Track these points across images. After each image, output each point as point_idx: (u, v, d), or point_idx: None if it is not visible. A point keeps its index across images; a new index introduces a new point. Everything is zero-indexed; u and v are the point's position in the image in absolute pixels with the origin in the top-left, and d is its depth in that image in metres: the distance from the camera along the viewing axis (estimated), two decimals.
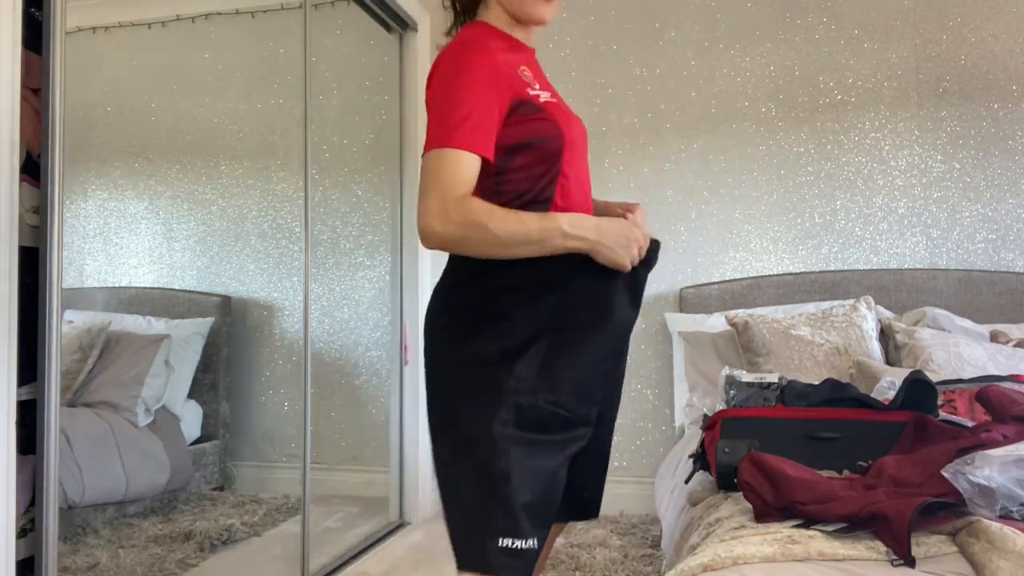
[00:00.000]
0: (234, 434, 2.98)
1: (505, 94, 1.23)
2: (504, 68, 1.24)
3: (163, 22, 2.74)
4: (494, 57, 1.23)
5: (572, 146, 1.31)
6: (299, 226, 2.96)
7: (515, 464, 1.19)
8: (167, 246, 2.81)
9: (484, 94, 1.20)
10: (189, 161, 2.89)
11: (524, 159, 1.27)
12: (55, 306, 1.64)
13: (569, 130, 1.30)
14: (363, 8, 3.03)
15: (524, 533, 1.18)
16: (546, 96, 1.30)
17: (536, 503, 1.20)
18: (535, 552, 1.20)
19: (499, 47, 1.27)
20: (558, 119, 1.28)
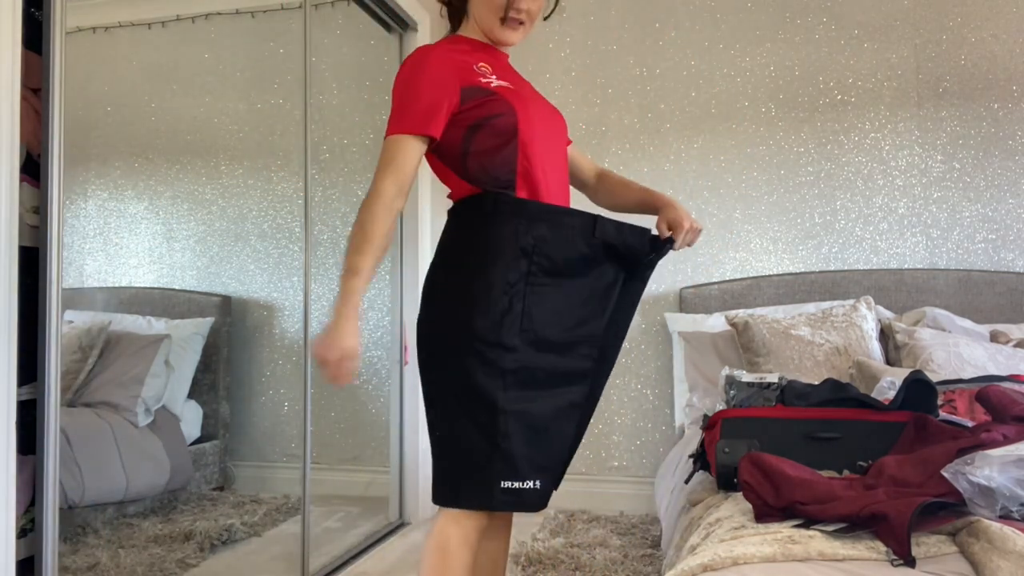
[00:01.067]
0: (234, 434, 2.98)
1: (454, 83, 1.43)
2: (456, 63, 1.45)
3: (163, 22, 2.74)
4: (448, 56, 1.45)
5: (530, 124, 1.46)
6: (299, 226, 2.96)
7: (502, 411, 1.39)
8: (167, 246, 2.81)
9: (429, 87, 1.42)
10: (189, 161, 2.89)
11: (481, 139, 1.45)
12: (55, 306, 1.64)
13: (523, 109, 1.46)
14: (363, 8, 3.03)
15: (524, 476, 1.38)
16: (501, 83, 1.46)
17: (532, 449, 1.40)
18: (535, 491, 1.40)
19: (459, 49, 1.49)
20: (510, 99, 1.45)
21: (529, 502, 1.40)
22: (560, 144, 1.56)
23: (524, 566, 2.52)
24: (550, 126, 1.53)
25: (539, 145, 1.48)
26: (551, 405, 1.44)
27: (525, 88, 1.54)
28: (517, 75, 1.57)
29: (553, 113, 1.57)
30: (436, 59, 1.44)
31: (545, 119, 1.52)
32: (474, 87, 1.44)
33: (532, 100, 1.51)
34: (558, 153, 1.54)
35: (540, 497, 1.41)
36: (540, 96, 1.59)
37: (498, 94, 1.45)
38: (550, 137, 1.52)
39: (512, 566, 2.55)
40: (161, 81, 2.74)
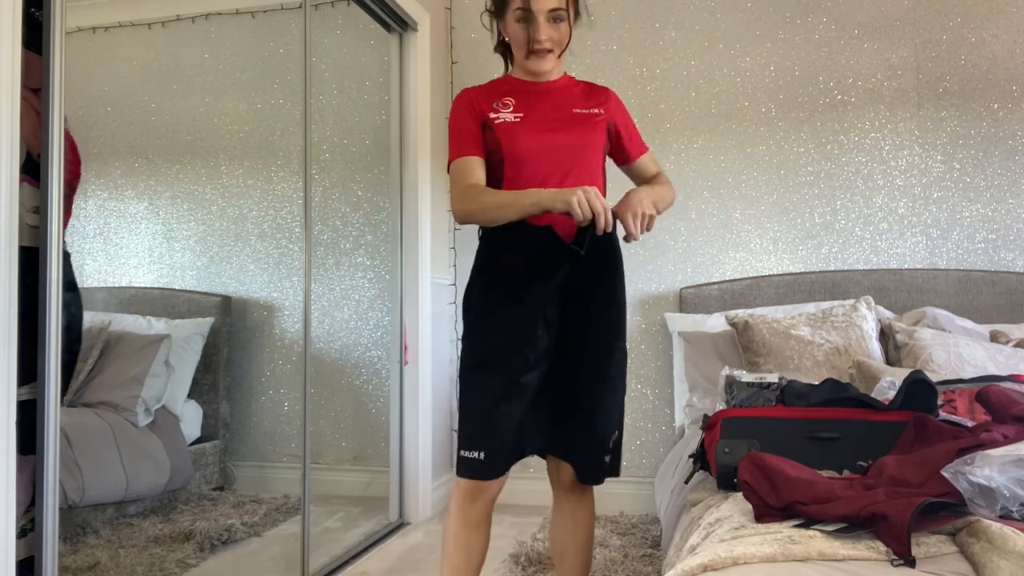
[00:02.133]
0: (234, 434, 2.98)
1: (476, 117, 1.78)
2: (478, 102, 1.79)
3: (163, 22, 2.73)
4: (469, 99, 1.81)
5: (516, 158, 1.74)
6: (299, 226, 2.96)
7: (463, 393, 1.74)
8: (167, 246, 2.81)
9: (462, 121, 1.79)
10: (189, 161, 2.89)
11: (489, 167, 1.80)
12: (55, 306, 1.64)
13: (511, 143, 1.73)
14: (363, 8, 3.03)
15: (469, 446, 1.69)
16: (507, 118, 1.76)
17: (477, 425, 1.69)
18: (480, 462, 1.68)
19: (487, 89, 1.82)
20: (502, 138, 1.75)
21: (475, 470, 1.69)
22: (575, 163, 1.76)
23: (524, 566, 2.52)
24: (560, 150, 1.74)
25: (535, 171, 1.73)
26: (494, 389, 1.69)
27: (545, 116, 1.77)
28: (552, 99, 1.80)
29: (574, 125, 1.77)
30: (461, 105, 1.80)
31: (554, 145, 1.74)
32: (486, 122, 1.77)
33: (539, 130, 1.74)
34: (570, 173, 1.75)
35: (482, 467, 1.68)
36: (564, 120, 1.78)
37: (496, 131, 1.75)
38: (558, 160, 1.74)
39: (512, 566, 2.55)
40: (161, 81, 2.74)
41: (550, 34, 1.73)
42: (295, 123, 2.81)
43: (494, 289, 1.74)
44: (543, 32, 1.71)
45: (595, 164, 1.82)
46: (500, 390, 1.68)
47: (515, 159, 1.74)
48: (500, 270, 1.75)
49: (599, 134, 1.81)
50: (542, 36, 1.71)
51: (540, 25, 1.71)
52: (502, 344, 1.70)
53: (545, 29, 1.72)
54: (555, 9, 1.71)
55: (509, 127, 1.75)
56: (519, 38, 1.74)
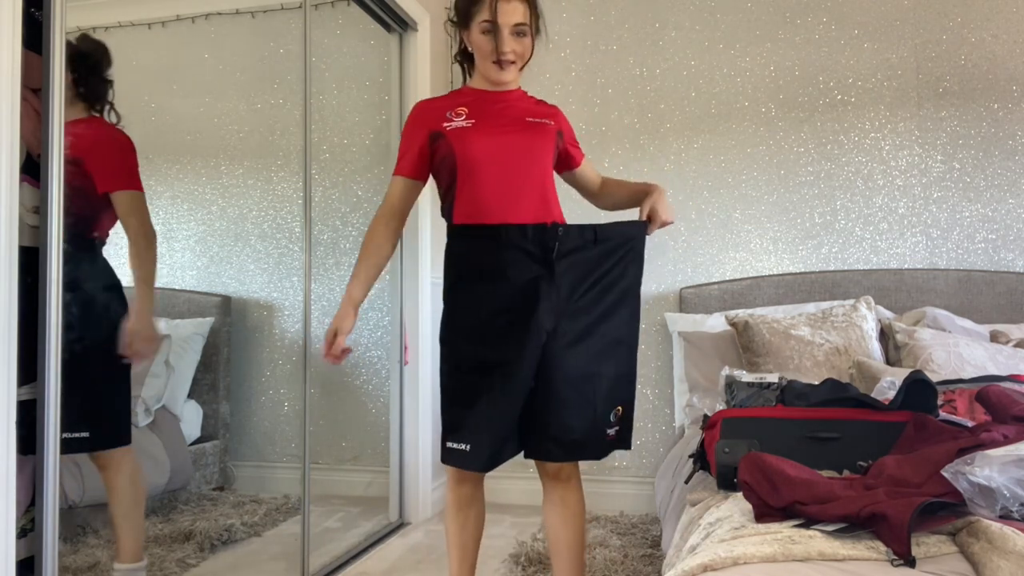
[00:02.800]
0: (234, 434, 2.98)
1: (423, 131, 1.85)
2: (431, 113, 1.86)
3: (163, 22, 2.73)
4: (422, 110, 1.90)
5: (469, 160, 1.79)
6: (299, 226, 2.96)
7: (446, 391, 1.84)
8: (167, 246, 2.81)
9: (406, 137, 1.89)
10: (189, 161, 2.89)
11: (439, 176, 1.88)
12: (55, 306, 1.64)
13: (464, 147, 1.79)
14: (363, 8, 3.03)
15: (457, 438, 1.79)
16: (459, 124, 1.82)
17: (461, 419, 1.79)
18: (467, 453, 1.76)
19: (443, 100, 1.90)
20: (454, 142, 1.80)
21: (461, 460, 1.78)
22: (527, 165, 1.83)
23: (524, 566, 2.52)
24: (512, 152, 1.81)
25: (481, 183, 1.79)
26: (477, 383, 1.77)
27: (497, 121, 1.83)
28: (505, 107, 1.86)
29: (525, 131, 1.84)
30: (411, 119, 1.89)
31: (505, 147, 1.81)
32: (437, 133, 1.83)
33: (491, 134, 1.81)
34: (521, 174, 1.82)
35: (468, 458, 1.77)
36: (516, 125, 1.85)
37: (447, 137, 1.81)
38: (510, 161, 1.81)
39: (512, 566, 2.55)
40: (161, 81, 2.74)
41: (514, 47, 1.80)
42: (295, 123, 2.81)
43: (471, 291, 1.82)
44: (508, 44, 1.79)
45: (546, 169, 1.88)
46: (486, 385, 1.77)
47: (467, 162, 1.80)
48: (473, 270, 1.82)
49: (549, 141, 1.88)
50: (507, 48, 1.79)
51: (505, 37, 1.78)
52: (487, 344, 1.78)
53: (510, 42, 1.79)
54: (520, 23, 1.78)
55: (461, 132, 1.82)
56: (484, 49, 1.81)
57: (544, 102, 1.99)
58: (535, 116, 1.90)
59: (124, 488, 2.06)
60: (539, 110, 1.93)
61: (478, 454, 1.76)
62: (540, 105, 1.97)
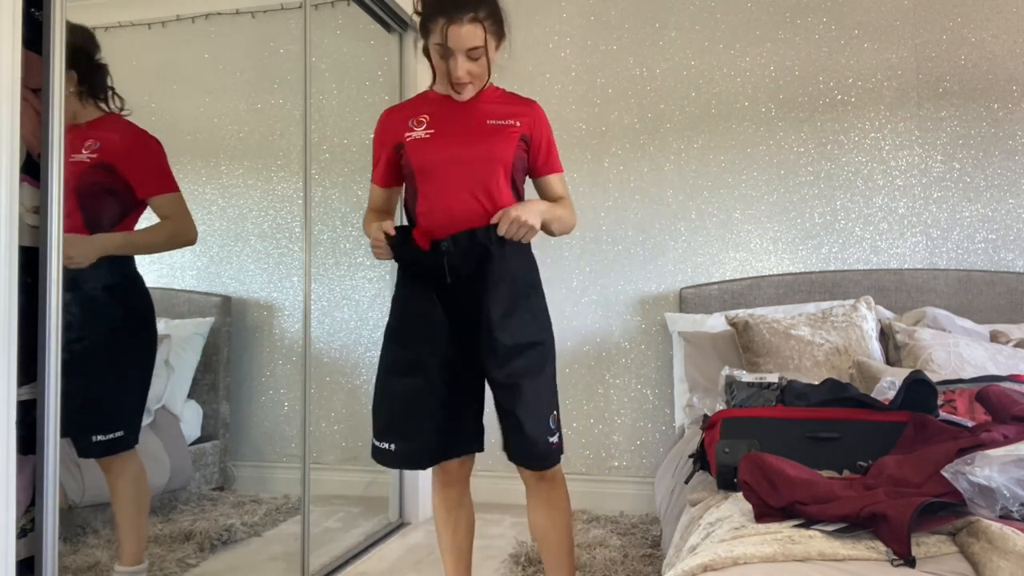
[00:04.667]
0: (234, 434, 2.98)
1: (388, 142, 1.90)
2: (394, 124, 1.90)
3: (163, 22, 2.73)
4: (385, 121, 1.94)
5: (423, 172, 1.82)
6: (299, 226, 2.96)
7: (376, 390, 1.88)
8: None
9: (375, 146, 1.96)
10: (189, 161, 2.89)
11: (405, 185, 1.94)
12: (55, 306, 1.64)
13: (419, 159, 1.82)
14: (363, 8, 3.03)
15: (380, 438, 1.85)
16: (418, 135, 1.84)
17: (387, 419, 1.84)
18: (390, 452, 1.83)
19: (407, 107, 1.92)
20: (411, 153, 1.84)
21: (387, 460, 1.83)
22: (475, 173, 1.81)
23: (524, 566, 2.52)
24: (463, 161, 1.81)
25: (438, 186, 1.81)
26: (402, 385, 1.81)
27: (456, 129, 1.83)
28: (467, 112, 1.85)
29: (484, 138, 1.82)
30: (379, 129, 1.94)
31: (458, 157, 1.81)
32: (400, 143, 1.87)
33: (447, 145, 1.82)
34: (469, 183, 1.80)
35: (394, 457, 1.82)
36: (476, 131, 1.83)
37: (406, 148, 1.85)
38: (458, 171, 1.80)
39: (512, 566, 2.55)
40: (161, 81, 2.74)
41: (470, 68, 1.77)
42: (295, 123, 2.82)
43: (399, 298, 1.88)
44: (461, 68, 1.76)
45: (502, 176, 1.83)
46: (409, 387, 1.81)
47: (423, 173, 1.82)
48: (402, 278, 1.88)
49: (509, 145, 1.83)
50: (460, 72, 1.76)
51: (459, 62, 1.75)
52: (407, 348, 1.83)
53: (463, 65, 1.76)
54: (473, 48, 1.74)
55: (419, 144, 1.83)
56: (440, 69, 1.81)
57: (518, 98, 1.92)
58: (498, 118, 1.84)
59: (128, 490, 2.06)
60: (505, 110, 1.87)
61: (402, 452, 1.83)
62: (510, 103, 1.90)
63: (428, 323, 1.80)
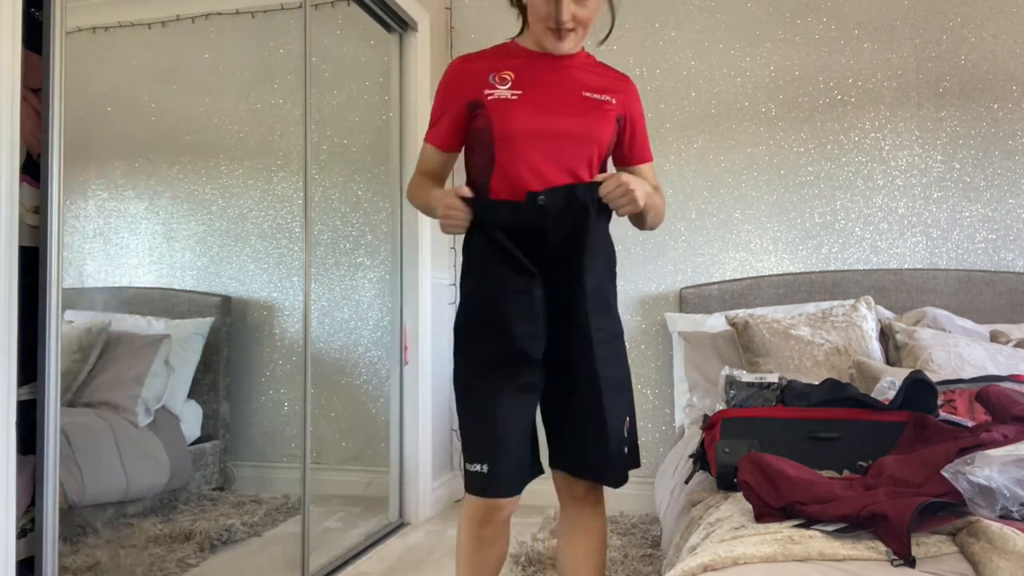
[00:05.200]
0: (234, 434, 2.98)
1: (461, 96, 1.60)
2: (470, 76, 1.60)
3: (163, 22, 2.73)
4: (459, 71, 1.63)
5: (505, 139, 1.55)
6: (299, 226, 2.96)
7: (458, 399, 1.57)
8: (167, 246, 2.81)
9: (439, 101, 1.65)
10: (189, 161, 2.89)
11: (474, 151, 1.63)
12: (55, 306, 1.64)
13: (503, 123, 1.55)
14: (363, 8, 3.03)
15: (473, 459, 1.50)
16: (502, 94, 1.56)
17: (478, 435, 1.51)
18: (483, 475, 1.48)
19: (488, 58, 1.62)
20: (494, 115, 1.55)
21: (479, 486, 1.49)
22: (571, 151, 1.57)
23: (524, 566, 2.52)
24: (559, 136, 1.55)
25: (518, 158, 1.54)
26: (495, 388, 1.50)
27: (548, 95, 1.57)
28: (559, 77, 1.59)
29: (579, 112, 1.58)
30: (448, 74, 1.64)
31: (553, 130, 1.55)
32: (477, 102, 1.58)
33: (538, 110, 1.55)
34: (564, 162, 1.56)
35: (486, 481, 1.47)
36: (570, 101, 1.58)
37: (488, 108, 1.56)
38: (553, 145, 1.55)
39: (512, 566, 2.55)
40: (161, 81, 2.74)
41: (576, 11, 1.52)
42: (295, 123, 2.81)
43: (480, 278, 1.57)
44: (567, 10, 1.50)
45: (596, 158, 1.61)
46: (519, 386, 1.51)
47: (506, 140, 1.54)
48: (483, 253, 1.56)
49: (607, 126, 1.60)
50: (565, 16, 1.50)
51: (564, 3, 1.50)
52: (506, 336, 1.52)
53: (570, 6, 1.51)
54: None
55: (503, 105, 1.55)
56: (540, 11, 1.53)
57: (613, 70, 1.68)
58: (595, 91, 1.59)
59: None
60: (602, 83, 1.62)
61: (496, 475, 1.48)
62: (606, 75, 1.65)
63: (530, 301, 1.51)
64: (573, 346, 1.53)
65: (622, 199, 1.51)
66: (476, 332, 1.56)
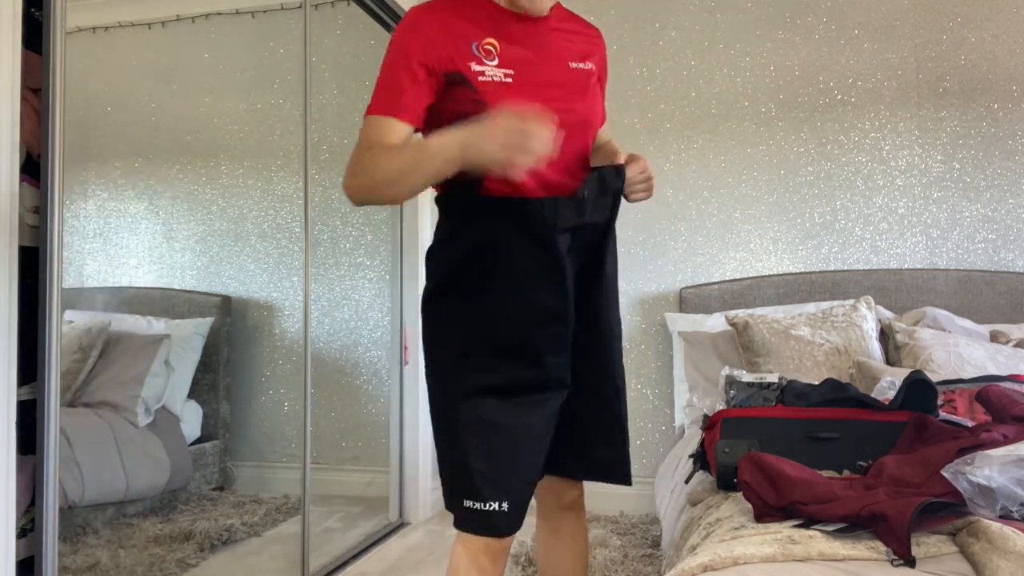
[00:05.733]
0: (234, 434, 2.98)
1: (436, 62, 1.29)
2: (445, 38, 1.29)
3: (163, 22, 2.73)
4: (428, 30, 1.29)
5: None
6: (299, 226, 2.96)
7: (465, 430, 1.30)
8: (167, 246, 2.81)
9: (404, 63, 1.29)
10: (189, 161, 2.89)
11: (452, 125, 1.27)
12: (55, 306, 1.64)
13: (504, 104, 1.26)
14: (363, 8, 3.03)
15: (485, 496, 1.27)
16: (493, 75, 1.30)
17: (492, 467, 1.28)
18: (502, 513, 1.27)
19: (455, 14, 1.32)
20: (490, 100, 1.28)
21: (490, 526, 1.28)
22: (580, 135, 1.39)
23: (524, 566, 2.52)
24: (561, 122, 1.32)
25: None
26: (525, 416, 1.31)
27: (538, 73, 1.35)
28: (543, 50, 1.37)
29: (572, 84, 1.39)
30: (404, 30, 1.30)
31: (559, 119, 1.30)
32: (460, 76, 1.29)
33: (535, 95, 1.32)
34: (566, 147, 1.35)
35: (505, 520, 1.28)
36: (561, 78, 1.38)
37: (481, 91, 1.29)
38: (561, 134, 1.31)
39: (512, 566, 2.55)
40: (161, 81, 2.74)
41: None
42: (295, 123, 2.82)
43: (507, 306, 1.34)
44: None
45: (591, 141, 1.45)
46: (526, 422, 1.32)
47: None
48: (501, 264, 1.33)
49: (597, 103, 1.45)
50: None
51: None
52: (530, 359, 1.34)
53: None
54: None
55: (499, 90, 1.31)
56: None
57: (583, 23, 1.48)
58: (578, 59, 1.41)
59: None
60: (581, 46, 1.43)
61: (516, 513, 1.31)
62: (581, 32, 1.46)
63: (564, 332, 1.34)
64: (592, 349, 1.41)
65: (642, 185, 1.39)
66: (498, 357, 1.32)
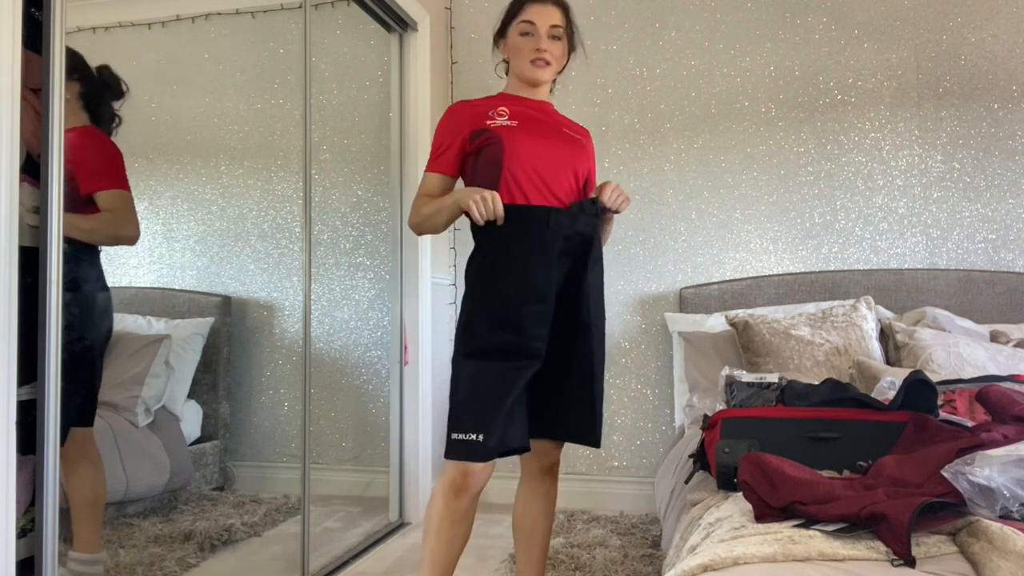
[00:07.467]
0: (234, 434, 2.98)
1: (462, 129, 1.92)
2: (470, 112, 1.93)
3: (163, 22, 2.73)
4: (460, 111, 1.95)
5: (518, 162, 1.87)
6: (299, 226, 2.96)
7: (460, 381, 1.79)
8: (167, 246, 2.81)
9: (443, 136, 1.95)
10: (189, 161, 2.88)
11: (480, 164, 1.91)
12: (55, 306, 1.64)
13: (514, 148, 1.87)
14: (363, 8, 3.03)
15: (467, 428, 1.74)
16: (503, 122, 1.90)
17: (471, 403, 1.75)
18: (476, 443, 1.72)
19: (481, 102, 1.96)
20: (502, 135, 1.88)
21: (466, 452, 1.73)
22: (568, 172, 1.92)
23: None
24: (556, 158, 1.90)
25: (528, 166, 1.87)
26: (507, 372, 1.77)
27: (538, 127, 1.92)
28: (543, 115, 1.96)
29: (565, 141, 1.94)
30: (447, 115, 1.95)
31: (550, 152, 1.90)
32: (480, 129, 1.91)
33: (535, 136, 1.90)
34: (560, 173, 1.90)
35: (477, 450, 1.72)
36: (558, 129, 1.95)
37: (493, 132, 1.89)
38: (553, 166, 1.90)
39: (512, 566, 2.55)
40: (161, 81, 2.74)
41: (550, 48, 1.92)
42: (295, 123, 2.82)
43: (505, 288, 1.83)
44: (544, 43, 1.91)
45: (581, 181, 1.96)
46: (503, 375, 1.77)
47: (515, 159, 1.88)
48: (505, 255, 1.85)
49: (588, 157, 1.99)
50: (543, 46, 1.91)
51: (542, 36, 1.91)
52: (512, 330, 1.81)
53: (546, 42, 1.91)
54: (556, 26, 1.93)
55: (509, 130, 1.90)
56: (522, 49, 1.93)
57: (576, 124, 2.06)
58: (571, 130, 1.98)
59: (84, 473, 2.04)
60: (574, 126, 2.02)
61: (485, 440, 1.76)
62: (573, 124, 2.04)
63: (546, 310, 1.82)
64: (576, 334, 1.86)
65: (619, 198, 1.90)
66: (491, 326, 1.80)
